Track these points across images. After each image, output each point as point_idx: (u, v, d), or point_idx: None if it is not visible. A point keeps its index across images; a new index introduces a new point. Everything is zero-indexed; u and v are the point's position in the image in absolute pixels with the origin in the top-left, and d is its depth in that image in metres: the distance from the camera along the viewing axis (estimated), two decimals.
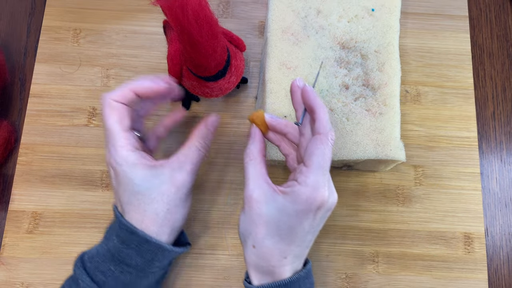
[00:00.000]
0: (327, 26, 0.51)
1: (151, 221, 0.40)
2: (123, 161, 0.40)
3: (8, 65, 0.57)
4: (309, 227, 0.39)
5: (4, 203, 0.53)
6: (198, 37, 0.38)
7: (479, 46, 0.60)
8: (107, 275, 0.40)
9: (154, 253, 0.40)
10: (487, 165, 0.56)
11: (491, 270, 0.53)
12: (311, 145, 0.39)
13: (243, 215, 0.40)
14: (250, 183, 0.39)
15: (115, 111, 0.41)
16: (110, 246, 0.41)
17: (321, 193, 0.37)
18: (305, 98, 0.40)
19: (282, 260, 0.39)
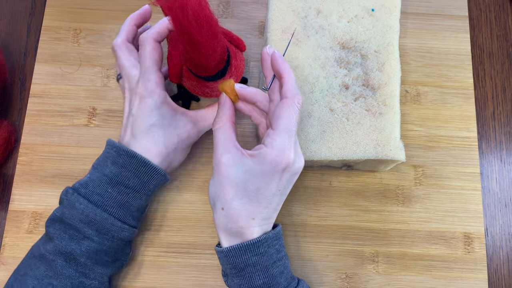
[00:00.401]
0: (327, 26, 0.51)
1: (157, 152, 0.45)
2: (155, 93, 0.44)
3: (8, 65, 0.57)
4: (276, 188, 0.41)
5: (4, 203, 0.53)
6: (198, 37, 0.38)
7: (479, 46, 0.60)
8: (104, 196, 0.44)
9: (150, 175, 0.45)
10: (487, 165, 0.56)
11: (491, 270, 0.53)
12: (278, 109, 0.41)
13: (212, 179, 0.43)
14: (219, 148, 0.41)
15: (156, 50, 0.44)
16: (106, 172, 0.44)
17: (287, 155, 0.40)
18: (273, 64, 0.42)
19: (250, 221, 0.41)
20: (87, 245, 0.43)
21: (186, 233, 0.52)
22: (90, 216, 0.43)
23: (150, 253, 0.51)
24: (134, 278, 0.51)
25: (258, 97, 0.44)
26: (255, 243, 0.41)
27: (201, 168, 0.54)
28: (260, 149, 0.40)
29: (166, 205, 0.53)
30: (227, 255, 0.42)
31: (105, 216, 0.43)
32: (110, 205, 0.44)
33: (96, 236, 0.43)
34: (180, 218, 0.52)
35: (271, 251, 0.42)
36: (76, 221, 0.43)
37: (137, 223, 0.47)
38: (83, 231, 0.43)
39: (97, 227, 0.43)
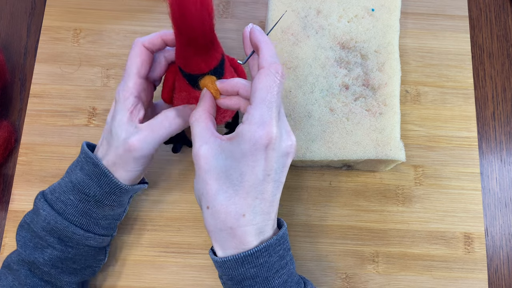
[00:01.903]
0: (327, 26, 0.51)
1: (106, 163, 0.42)
2: (127, 100, 0.41)
3: (8, 65, 0.57)
4: (263, 173, 0.35)
5: (4, 203, 0.53)
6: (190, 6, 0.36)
7: (479, 46, 0.60)
8: (67, 204, 0.42)
9: (111, 186, 0.42)
10: (487, 165, 0.56)
11: (491, 270, 0.53)
12: (255, 81, 0.36)
13: (195, 178, 0.38)
14: (197, 140, 0.37)
15: (139, 55, 0.41)
16: (73, 179, 0.43)
17: (267, 129, 0.35)
18: (251, 37, 0.38)
19: (240, 219, 0.36)
20: (50, 254, 0.42)
21: (185, 233, 0.52)
22: (52, 223, 0.42)
23: (150, 253, 0.51)
24: (133, 278, 0.51)
25: (239, 84, 0.40)
26: (253, 254, 0.36)
27: None
28: (238, 128, 0.36)
29: (166, 205, 0.53)
30: (222, 266, 0.38)
31: (66, 224, 0.42)
32: (71, 213, 0.42)
33: (58, 244, 0.42)
34: (179, 218, 0.52)
35: (272, 259, 0.37)
36: (39, 229, 0.42)
37: (106, 231, 0.45)
38: (45, 239, 0.42)
39: (59, 235, 0.42)
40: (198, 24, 0.36)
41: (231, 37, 0.58)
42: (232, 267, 0.37)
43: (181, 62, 0.41)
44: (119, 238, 0.51)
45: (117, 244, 0.51)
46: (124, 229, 0.52)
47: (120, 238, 0.51)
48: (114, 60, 0.56)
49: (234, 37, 0.58)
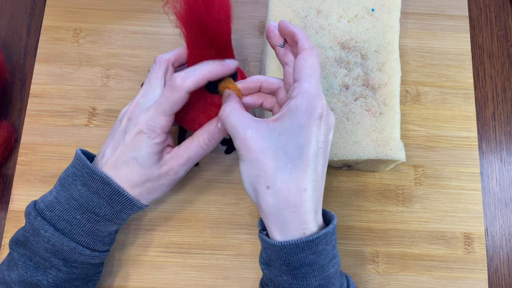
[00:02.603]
0: (327, 26, 0.51)
1: (130, 187, 0.41)
2: (156, 136, 0.41)
3: (8, 65, 0.57)
4: (317, 144, 0.36)
5: (4, 203, 0.53)
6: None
7: (479, 46, 0.60)
8: (72, 223, 0.41)
9: (123, 205, 0.42)
10: (487, 165, 0.56)
11: (491, 270, 0.53)
12: (299, 60, 0.38)
13: (242, 163, 0.37)
14: (239, 128, 0.37)
15: (182, 101, 0.40)
16: (75, 195, 0.41)
17: (320, 101, 0.36)
18: (283, 28, 0.40)
19: (303, 194, 0.36)
20: (55, 275, 0.41)
21: (185, 233, 0.52)
22: (57, 245, 0.40)
23: (150, 253, 0.51)
24: (134, 278, 0.51)
25: (261, 79, 0.41)
26: (314, 240, 0.36)
27: (202, 168, 0.54)
28: (287, 105, 0.36)
29: (166, 205, 0.53)
30: (280, 250, 0.36)
31: (73, 246, 0.40)
32: (79, 233, 0.41)
33: (64, 266, 0.41)
34: (180, 218, 0.52)
35: (328, 248, 0.37)
36: (41, 250, 0.40)
37: (108, 246, 0.45)
38: (49, 261, 0.41)
39: (64, 257, 0.41)
40: (221, 22, 0.37)
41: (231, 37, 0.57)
42: (291, 252, 0.36)
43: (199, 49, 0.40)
44: (119, 238, 0.51)
45: (117, 245, 0.51)
46: (124, 229, 0.52)
47: (120, 238, 0.51)
48: (114, 60, 0.57)
49: (234, 37, 0.58)
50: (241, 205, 0.53)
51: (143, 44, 0.57)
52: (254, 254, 0.52)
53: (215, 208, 0.53)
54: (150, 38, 0.57)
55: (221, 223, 0.52)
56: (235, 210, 0.53)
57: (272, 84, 0.41)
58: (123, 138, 0.42)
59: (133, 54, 0.57)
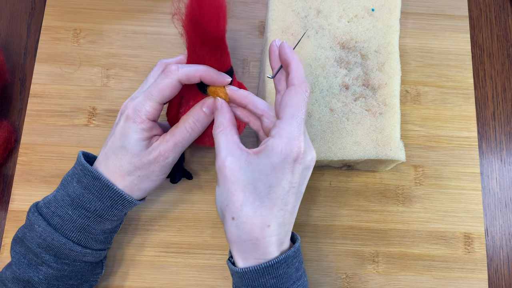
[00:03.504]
0: (327, 26, 0.51)
1: (120, 177, 0.42)
2: (142, 122, 0.41)
3: (8, 65, 0.57)
4: (289, 185, 0.37)
5: (4, 203, 0.53)
6: None
7: (479, 46, 0.60)
8: (64, 219, 0.41)
9: (114, 200, 0.42)
10: (487, 165, 0.56)
11: (491, 270, 0.53)
12: (285, 96, 0.38)
13: (218, 187, 0.39)
14: (222, 152, 0.38)
15: (172, 89, 0.41)
16: (70, 192, 0.42)
17: (297, 144, 0.37)
18: (281, 53, 0.40)
19: (266, 230, 0.37)
20: (45, 272, 0.41)
21: (185, 233, 0.52)
22: (48, 240, 0.40)
23: (150, 253, 0.51)
24: (134, 278, 0.51)
25: (249, 98, 0.42)
26: (273, 265, 0.37)
27: (201, 169, 0.54)
28: (266, 142, 0.37)
29: (166, 205, 0.53)
30: (242, 276, 0.38)
31: (63, 241, 0.41)
32: (70, 229, 0.41)
33: (54, 262, 0.41)
34: (180, 218, 0.52)
35: (290, 271, 0.39)
36: (34, 245, 0.41)
37: (103, 245, 0.45)
38: (41, 256, 0.41)
39: (55, 252, 0.41)
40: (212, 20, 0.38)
41: (231, 37, 0.58)
42: (252, 278, 0.38)
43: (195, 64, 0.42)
44: (119, 238, 0.51)
45: (117, 244, 0.51)
46: (124, 229, 0.52)
47: (120, 238, 0.51)
48: (114, 60, 0.56)
49: (234, 37, 0.58)
50: None
51: (143, 44, 0.57)
52: None
53: (215, 208, 0.53)
54: (150, 38, 0.57)
55: (221, 223, 0.52)
56: None
57: (256, 109, 0.42)
58: (114, 130, 0.43)
59: (133, 54, 0.57)
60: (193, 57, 0.42)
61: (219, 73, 0.41)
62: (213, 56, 0.41)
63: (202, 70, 0.41)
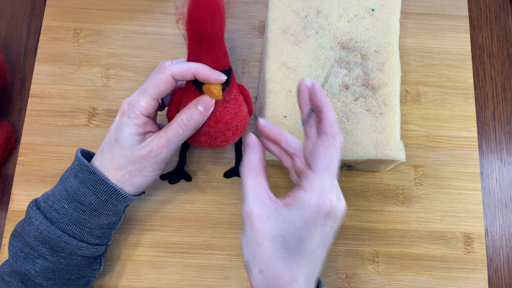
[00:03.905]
0: (327, 26, 0.51)
1: (113, 171, 0.42)
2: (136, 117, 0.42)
3: (8, 65, 0.57)
4: (320, 238, 0.36)
5: (4, 203, 0.53)
6: None
7: (479, 46, 0.60)
8: (60, 212, 0.42)
9: (108, 194, 0.42)
10: (487, 165, 0.56)
11: (491, 270, 0.53)
12: (318, 146, 0.37)
13: (244, 237, 0.37)
14: (250, 197, 0.36)
15: (165, 85, 0.41)
16: (67, 186, 0.42)
17: (329, 198, 0.35)
18: (312, 96, 0.38)
19: (294, 284, 0.35)
20: (41, 265, 0.42)
21: (185, 233, 0.52)
22: (44, 233, 0.41)
23: (150, 253, 0.51)
24: (134, 278, 0.51)
25: (282, 136, 0.41)
26: None
27: (201, 169, 0.54)
28: (298, 193, 0.36)
29: (166, 205, 0.53)
30: None
31: (59, 234, 0.41)
32: (65, 222, 0.42)
33: (50, 255, 0.42)
34: (180, 218, 0.52)
35: None
36: (31, 238, 0.42)
37: (100, 240, 0.45)
38: (37, 249, 0.42)
39: (51, 245, 0.42)
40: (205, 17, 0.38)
41: (231, 37, 0.58)
42: None
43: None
44: (119, 238, 0.51)
45: (117, 244, 0.51)
46: (124, 229, 0.52)
47: (120, 238, 0.51)
48: (114, 60, 0.57)
49: (234, 37, 0.58)
50: (241, 205, 0.53)
51: (143, 44, 0.57)
52: None
53: (215, 208, 0.53)
54: (150, 38, 0.57)
55: (221, 223, 0.52)
56: (235, 210, 0.53)
57: (289, 147, 0.41)
58: (110, 128, 0.44)
59: (133, 54, 0.57)
60: (191, 56, 0.42)
61: (213, 70, 0.41)
62: (209, 55, 0.41)
63: (196, 67, 0.41)
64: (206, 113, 0.42)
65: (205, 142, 0.45)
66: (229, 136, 0.45)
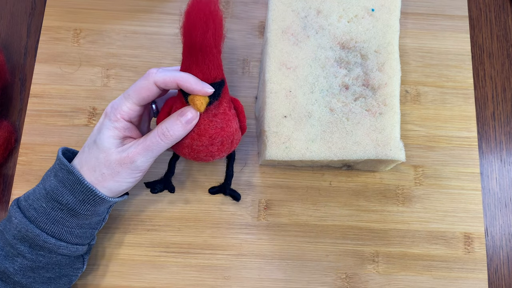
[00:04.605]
0: (327, 26, 0.51)
1: (88, 171, 0.42)
2: (117, 120, 0.42)
3: (8, 65, 0.57)
4: None
5: (4, 203, 0.53)
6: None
7: (479, 46, 0.60)
8: (39, 211, 0.42)
9: (85, 194, 0.42)
10: (487, 165, 0.56)
11: (491, 270, 0.53)
12: None
13: None
14: None
15: (148, 91, 0.42)
16: (47, 185, 0.42)
17: None
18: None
19: None
20: (20, 263, 0.42)
21: (185, 233, 0.52)
22: (23, 231, 0.41)
23: (150, 253, 0.51)
24: (134, 278, 0.51)
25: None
26: None
27: (201, 169, 0.54)
28: None
29: (166, 205, 0.53)
30: None
31: (37, 233, 0.41)
32: (43, 221, 0.42)
33: (29, 253, 0.42)
34: (180, 218, 0.52)
35: None
36: (10, 237, 0.42)
37: (80, 240, 0.44)
38: (16, 248, 0.42)
39: (30, 244, 0.42)
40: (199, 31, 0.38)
41: (231, 37, 0.58)
42: None
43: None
44: (119, 237, 0.51)
45: (117, 244, 0.51)
46: (124, 229, 0.52)
47: (120, 238, 0.51)
48: (114, 60, 0.56)
49: (234, 37, 0.58)
50: (241, 205, 0.53)
51: (143, 44, 0.57)
52: (254, 254, 0.52)
53: (215, 208, 0.53)
54: (150, 38, 0.57)
55: (221, 223, 0.52)
56: (235, 210, 0.53)
57: None
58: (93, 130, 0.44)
59: (133, 54, 0.57)
60: (183, 64, 0.42)
61: (199, 81, 0.40)
62: (199, 66, 0.40)
63: (180, 76, 0.40)
64: (188, 125, 0.42)
65: (188, 154, 0.44)
66: (213, 151, 0.43)
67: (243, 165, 0.54)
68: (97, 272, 0.51)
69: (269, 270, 0.51)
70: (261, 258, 0.52)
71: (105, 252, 0.51)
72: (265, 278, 0.51)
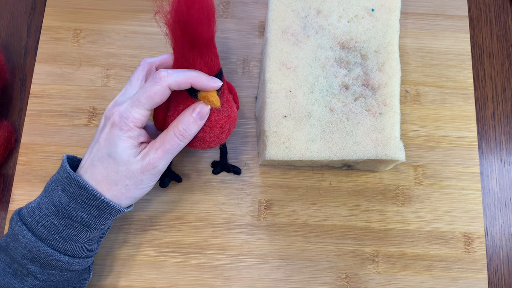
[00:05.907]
0: (327, 26, 0.51)
1: (107, 186, 0.41)
2: (130, 130, 0.40)
3: (8, 65, 0.57)
4: None
5: (4, 203, 0.53)
6: None
7: (479, 46, 0.60)
8: (50, 229, 0.40)
9: (101, 209, 0.40)
10: (487, 165, 0.56)
11: (491, 270, 0.53)
12: None
13: None
14: None
15: (161, 96, 0.40)
16: (55, 201, 0.40)
17: None
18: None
19: None
20: (31, 283, 0.40)
21: (186, 233, 0.52)
22: (33, 251, 0.39)
23: (150, 253, 0.51)
24: (134, 278, 0.51)
25: None
26: None
27: (201, 169, 0.54)
28: None
29: (166, 205, 0.53)
30: None
31: (50, 252, 0.39)
32: (56, 240, 0.40)
33: (40, 273, 0.40)
34: (180, 218, 0.52)
35: None
36: (19, 256, 0.40)
37: (90, 252, 0.44)
38: (26, 267, 0.40)
39: (41, 264, 0.40)
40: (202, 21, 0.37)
41: (231, 37, 0.58)
42: None
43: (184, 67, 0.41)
44: (119, 238, 0.51)
45: (117, 244, 0.51)
46: (124, 229, 0.52)
47: (120, 238, 0.51)
48: (114, 60, 0.57)
49: (234, 37, 0.58)
50: (241, 205, 0.53)
51: (143, 44, 0.57)
52: (254, 254, 0.52)
53: (215, 208, 0.53)
54: (150, 38, 0.57)
55: (221, 223, 0.52)
56: (235, 210, 0.53)
57: None
58: (99, 136, 0.42)
59: (133, 54, 0.57)
60: (181, 60, 0.41)
61: (210, 78, 0.40)
62: (203, 59, 0.40)
63: (193, 76, 0.40)
64: (203, 121, 0.42)
65: (199, 146, 0.44)
66: (222, 138, 0.45)
67: (243, 165, 0.54)
68: (97, 272, 0.51)
69: (269, 270, 0.51)
70: (261, 258, 0.52)
71: (105, 252, 0.51)
72: (265, 278, 0.51)
